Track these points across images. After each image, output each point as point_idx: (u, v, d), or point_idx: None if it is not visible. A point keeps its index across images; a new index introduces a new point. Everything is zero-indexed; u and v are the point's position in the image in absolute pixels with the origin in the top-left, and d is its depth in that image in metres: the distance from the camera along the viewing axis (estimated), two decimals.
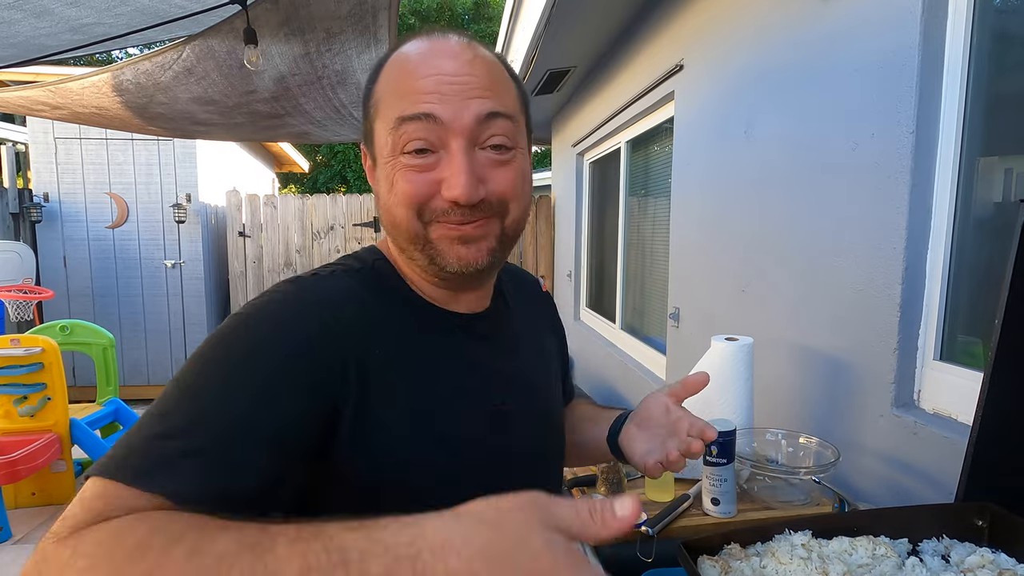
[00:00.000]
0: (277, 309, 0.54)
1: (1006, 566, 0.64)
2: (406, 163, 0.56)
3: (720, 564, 0.65)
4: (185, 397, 0.48)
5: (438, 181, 0.55)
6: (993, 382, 0.72)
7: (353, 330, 0.55)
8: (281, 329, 0.52)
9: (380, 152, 0.59)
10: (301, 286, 0.56)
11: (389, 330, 0.58)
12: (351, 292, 0.58)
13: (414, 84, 0.55)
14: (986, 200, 1.08)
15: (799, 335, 1.47)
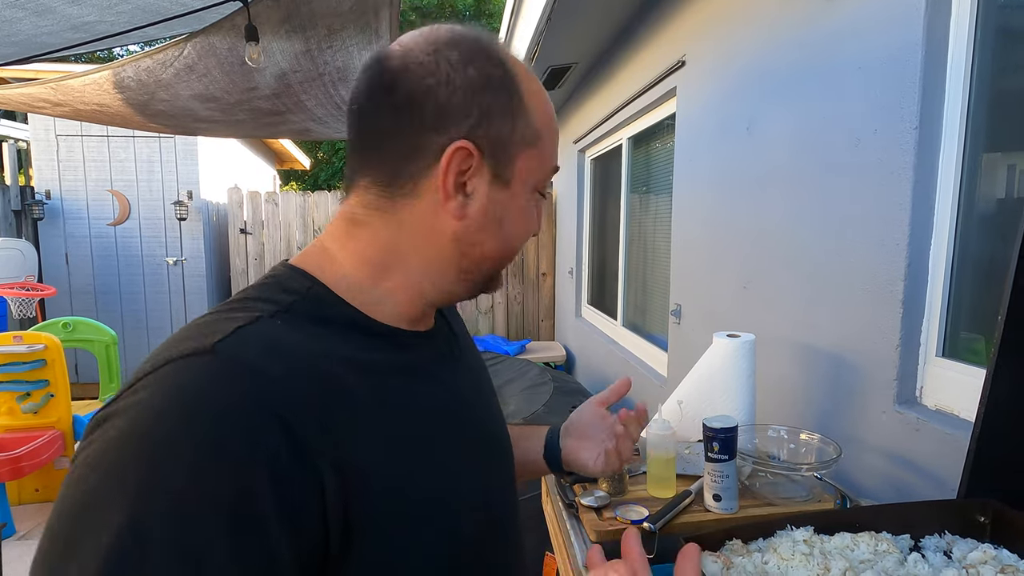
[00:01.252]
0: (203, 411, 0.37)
1: (1008, 562, 0.64)
2: (538, 202, 0.58)
3: (722, 560, 0.66)
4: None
5: None
6: (996, 378, 0.72)
7: (313, 411, 0.40)
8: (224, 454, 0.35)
9: (520, 180, 0.54)
10: (219, 362, 0.39)
11: (355, 383, 0.45)
12: (295, 348, 0.43)
13: (556, 136, 0.60)
14: (989, 196, 1.08)
15: (801, 331, 1.47)
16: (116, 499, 0.34)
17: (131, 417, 0.37)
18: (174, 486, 0.34)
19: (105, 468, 0.35)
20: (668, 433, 1.15)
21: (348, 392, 0.44)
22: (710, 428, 1.06)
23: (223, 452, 0.36)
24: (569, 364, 4.53)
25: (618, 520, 1.08)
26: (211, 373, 0.38)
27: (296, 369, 0.42)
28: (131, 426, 0.36)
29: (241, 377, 0.39)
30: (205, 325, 0.43)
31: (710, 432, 1.05)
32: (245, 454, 0.36)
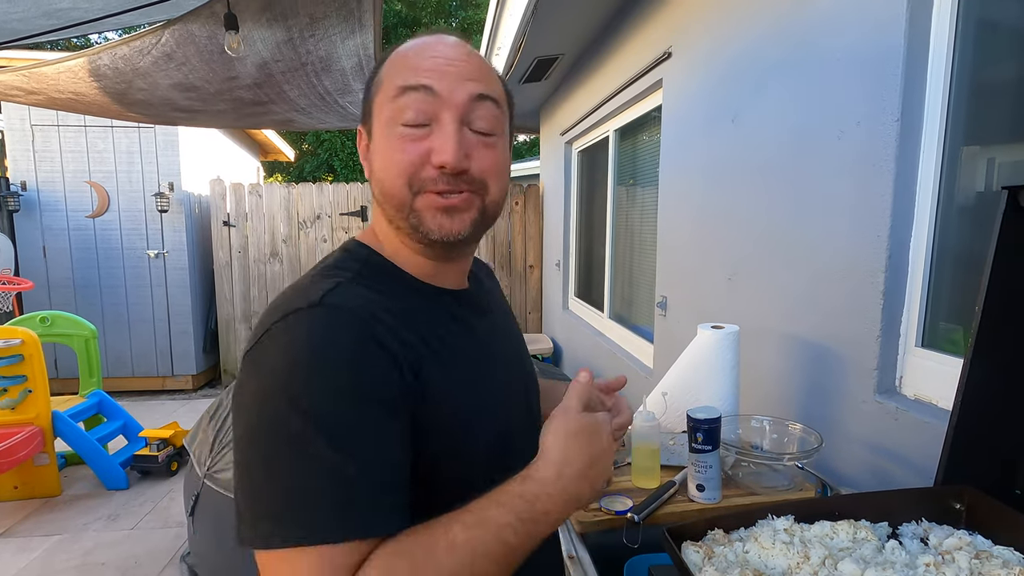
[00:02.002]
0: (333, 341, 0.53)
1: (982, 547, 0.65)
2: (401, 133, 0.60)
3: (704, 550, 0.66)
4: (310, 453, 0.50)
5: (428, 151, 0.59)
6: (972, 369, 0.73)
7: (390, 333, 0.56)
8: (354, 364, 0.53)
9: (377, 124, 0.62)
10: (324, 310, 0.55)
11: (413, 325, 0.60)
12: (369, 300, 0.58)
13: (417, 63, 0.61)
14: (968, 189, 1.09)
15: (785, 323, 1.48)
16: (289, 397, 0.50)
17: (280, 348, 0.53)
18: (323, 385, 0.51)
19: (274, 381, 0.51)
20: (652, 424, 1.15)
21: (412, 328, 0.59)
22: (694, 419, 1.06)
23: (345, 363, 0.52)
24: (556, 356, 4.54)
25: (602, 511, 1.08)
26: (326, 318, 0.54)
27: (379, 312, 0.57)
28: (283, 354, 0.52)
29: (347, 318, 0.55)
30: (306, 289, 0.58)
31: (694, 423, 1.06)
32: (360, 365, 0.53)
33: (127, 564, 2.53)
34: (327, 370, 0.51)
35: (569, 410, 0.58)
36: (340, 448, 0.50)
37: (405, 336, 0.57)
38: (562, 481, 0.54)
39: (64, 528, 2.84)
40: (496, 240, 5.29)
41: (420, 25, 12.02)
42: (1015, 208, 0.71)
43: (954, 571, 0.61)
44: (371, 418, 0.52)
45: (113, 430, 3.47)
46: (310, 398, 0.50)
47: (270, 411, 0.51)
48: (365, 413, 0.52)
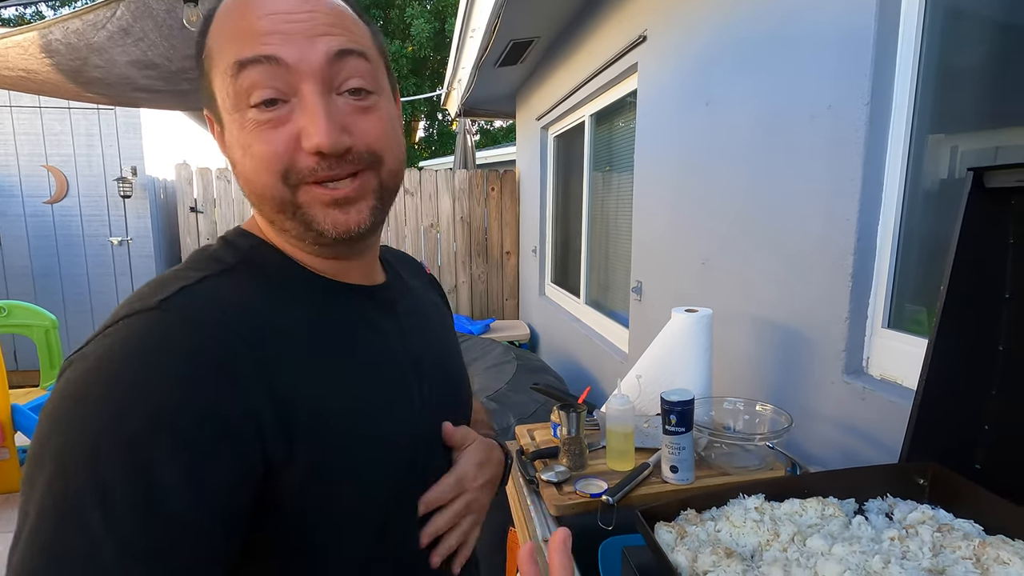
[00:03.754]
0: (152, 363, 0.41)
1: (944, 521, 0.67)
2: (256, 118, 0.48)
3: (676, 529, 0.66)
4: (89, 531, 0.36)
5: (295, 135, 0.48)
6: (937, 348, 0.75)
7: (255, 356, 0.45)
8: (168, 388, 0.40)
9: (223, 109, 0.50)
10: (162, 316, 0.44)
11: (293, 331, 0.49)
12: (228, 303, 0.47)
13: (249, 25, 0.47)
14: (934, 173, 1.11)
15: (757, 306, 1.50)
16: (74, 422, 0.39)
17: (90, 361, 0.42)
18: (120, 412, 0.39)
19: (70, 398, 0.41)
20: (627, 408, 1.16)
21: (280, 335, 0.48)
22: (667, 402, 1.07)
23: (159, 389, 0.40)
24: (533, 342, 4.55)
25: (577, 494, 1.08)
26: (154, 327, 0.43)
27: (231, 319, 0.46)
28: (89, 368, 0.42)
29: (179, 329, 0.44)
30: (157, 284, 0.48)
31: (667, 405, 1.07)
32: (180, 393, 0.41)
33: None
34: (136, 403, 0.39)
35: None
36: (126, 539, 0.37)
37: (273, 348, 0.46)
38: None
39: None
40: (473, 227, 5.25)
41: (393, 6, 11.76)
42: (980, 189, 0.72)
43: (917, 544, 0.62)
44: (177, 480, 0.39)
45: None
46: (97, 442, 0.38)
47: (46, 451, 0.39)
48: (171, 472, 0.39)
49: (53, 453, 0.39)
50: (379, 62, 0.54)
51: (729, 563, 0.59)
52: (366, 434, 0.51)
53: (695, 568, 0.60)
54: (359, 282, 0.59)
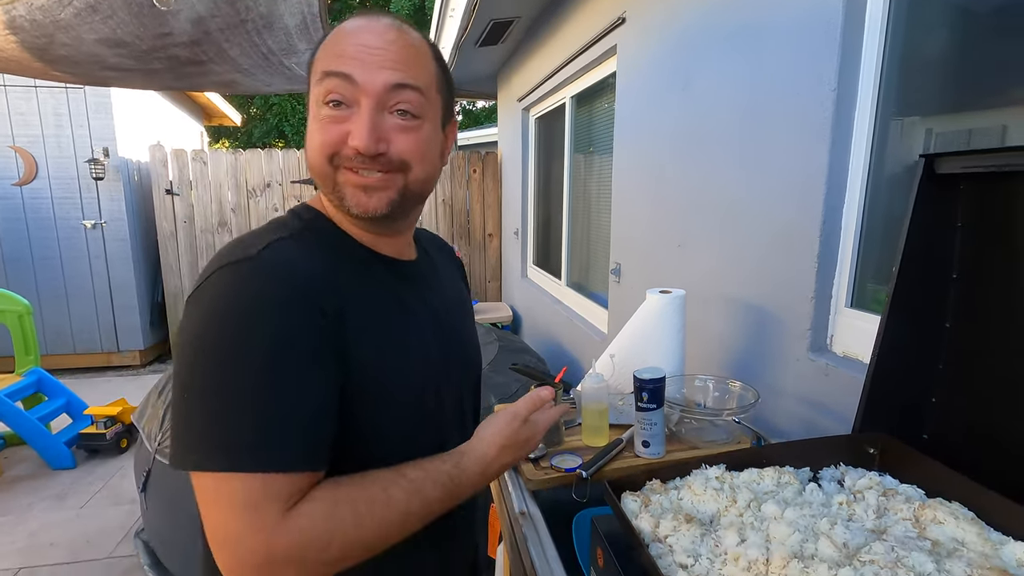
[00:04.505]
0: (261, 292, 0.57)
1: (890, 486, 0.72)
2: (325, 114, 0.65)
3: (641, 498, 0.70)
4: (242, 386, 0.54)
5: (347, 132, 0.64)
6: (888, 325, 0.79)
7: (322, 286, 0.61)
8: (281, 313, 0.57)
9: (310, 102, 0.67)
10: (260, 262, 0.59)
11: (346, 284, 0.64)
12: (302, 257, 0.63)
13: (342, 49, 0.64)
14: (896, 158, 1.15)
15: (729, 287, 1.55)
16: (219, 338, 0.55)
17: (215, 294, 0.57)
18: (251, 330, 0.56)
19: (217, 306, 0.57)
20: (601, 385, 1.19)
21: (337, 284, 0.63)
22: (640, 379, 1.10)
23: (273, 312, 0.57)
24: (516, 324, 4.59)
25: (553, 469, 1.12)
26: (252, 270, 0.59)
27: (307, 267, 0.62)
28: (217, 300, 0.57)
29: (277, 272, 0.59)
30: (247, 242, 0.62)
31: (640, 383, 1.10)
32: (290, 311, 0.57)
33: (77, 544, 2.47)
34: (255, 317, 0.56)
35: (516, 418, 0.71)
36: (263, 388, 0.54)
37: (338, 293, 0.62)
38: (484, 477, 0.68)
39: (6, 510, 2.74)
40: (455, 209, 5.24)
41: None
42: (930, 175, 0.75)
43: (863, 508, 0.67)
44: (293, 363, 0.56)
45: (55, 409, 3.33)
46: (240, 339, 0.55)
47: (202, 351, 0.55)
48: (291, 355, 0.56)
49: (215, 345, 0.55)
50: (433, 97, 0.69)
51: (688, 528, 0.63)
52: (393, 366, 0.67)
53: (657, 533, 0.64)
54: (391, 255, 0.74)
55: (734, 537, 0.61)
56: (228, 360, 0.55)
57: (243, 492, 0.52)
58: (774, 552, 0.58)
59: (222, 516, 0.53)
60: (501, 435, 0.69)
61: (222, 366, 0.55)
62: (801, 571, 0.55)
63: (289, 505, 0.54)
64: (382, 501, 0.58)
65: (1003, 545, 0.60)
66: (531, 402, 0.73)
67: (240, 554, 0.52)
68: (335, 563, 0.56)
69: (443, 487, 0.63)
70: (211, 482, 0.53)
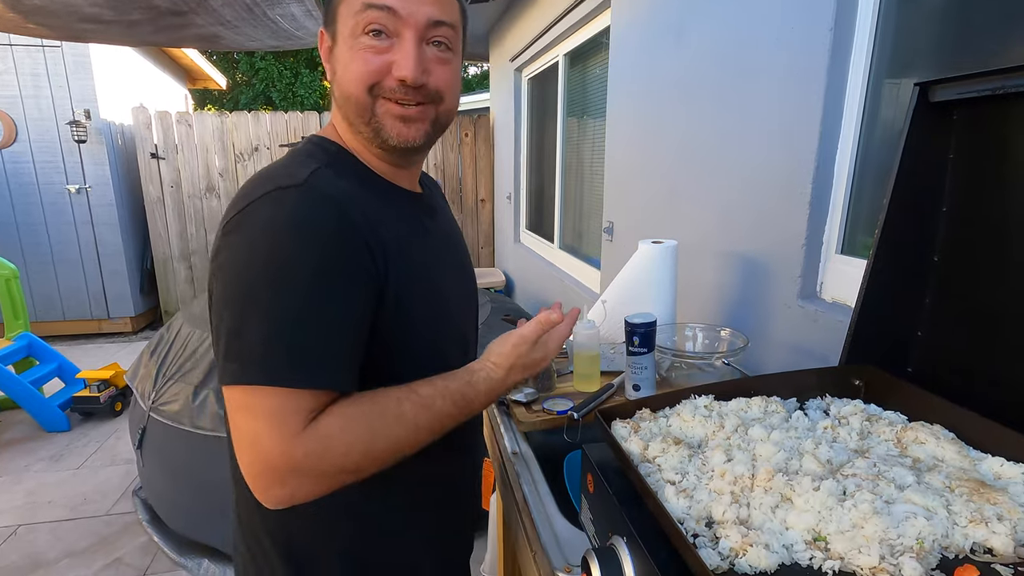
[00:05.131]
0: (314, 217, 0.59)
1: (873, 413, 0.73)
2: (365, 44, 0.65)
3: (631, 425, 0.71)
4: (284, 306, 0.57)
5: (390, 63, 0.66)
6: (877, 259, 0.79)
7: (362, 218, 0.63)
8: (332, 238, 0.59)
9: (341, 31, 0.67)
10: (308, 188, 0.61)
11: (376, 211, 0.66)
12: (343, 187, 0.64)
13: None
14: (890, 103, 1.14)
15: (721, 237, 1.55)
16: (268, 258, 0.57)
17: (264, 217, 0.58)
18: (301, 252, 0.58)
19: (267, 230, 0.58)
20: (592, 332, 1.20)
21: (370, 213, 0.65)
22: (631, 324, 1.11)
23: (324, 237, 0.59)
24: (509, 289, 4.59)
25: (545, 412, 1.14)
26: (303, 195, 0.60)
27: (346, 196, 0.63)
28: (268, 223, 0.58)
29: (327, 198, 0.61)
30: (286, 170, 0.63)
31: (630, 327, 1.11)
32: (338, 240, 0.60)
33: (75, 501, 2.50)
34: (307, 240, 0.58)
35: (524, 341, 0.74)
36: (307, 307, 0.57)
37: (374, 224, 0.64)
38: (492, 396, 0.72)
39: (3, 471, 2.76)
40: (447, 174, 5.17)
41: None
42: (924, 104, 0.74)
43: (847, 431, 0.69)
44: (340, 286, 0.59)
45: (47, 372, 3.33)
46: (286, 261, 0.57)
47: (251, 269, 0.57)
48: (335, 280, 0.59)
49: (260, 266, 0.57)
50: (459, 34, 0.72)
51: (677, 449, 0.64)
52: (425, 286, 0.71)
53: (645, 455, 0.65)
54: (407, 188, 0.76)
55: (721, 456, 0.63)
56: (276, 280, 0.57)
57: (271, 404, 0.56)
58: (760, 468, 0.59)
59: (250, 424, 0.56)
60: (510, 357, 0.72)
61: (270, 285, 0.57)
62: (785, 484, 0.57)
63: (311, 417, 0.57)
64: (394, 415, 0.61)
65: (981, 461, 0.61)
66: (539, 325, 0.74)
67: (264, 458, 0.56)
68: (351, 473, 0.60)
69: (453, 404, 0.66)
70: (241, 393, 0.57)
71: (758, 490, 0.57)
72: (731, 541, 0.50)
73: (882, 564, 0.47)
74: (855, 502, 0.53)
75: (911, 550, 0.48)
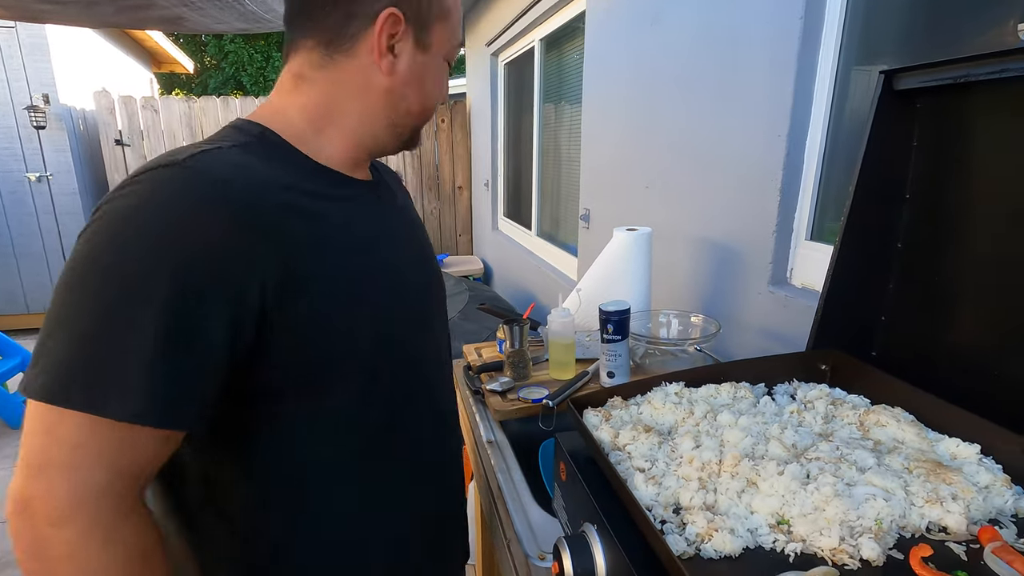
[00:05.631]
0: (176, 204, 0.50)
1: (838, 397, 0.75)
2: (445, 70, 0.70)
3: (603, 413, 0.71)
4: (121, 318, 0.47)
5: None
6: (843, 246, 0.81)
7: (264, 213, 0.54)
8: (196, 231, 0.50)
9: (434, 47, 0.67)
10: (188, 171, 0.52)
11: (302, 204, 0.59)
12: (248, 169, 0.56)
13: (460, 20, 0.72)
14: (858, 90, 1.15)
15: (695, 225, 1.56)
16: (110, 252, 0.49)
17: (130, 199, 0.51)
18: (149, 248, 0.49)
19: (114, 226, 0.50)
20: (567, 319, 1.20)
21: (292, 206, 0.57)
22: (604, 312, 1.12)
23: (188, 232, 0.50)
24: (487, 276, 4.58)
25: (520, 400, 1.14)
26: (180, 178, 0.52)
27: (251, 182, 0.55)
28: (129, 206, 0.50)
29: (204, 182, 0.52)
30: (175, 151, 0.55)
31: (605, 315, 1.12)
32: (202, 232, 0.50)
33: None
34: (158, 232, 0.49)
35: None
36: (146, 322, 0.47)
37: (286, 214, 0.56)
38: None
39: None
40: (423, 161, 5.11)
41: None
42: (889, 93, 0.75)
43: (813, 415, 0.70)
44: (193, 294, 0.49)
45: (10, 368, 3.22)
46: (130, 257, 0.48)
47: (87, 264, 0.49)
48: (188, 287, 0.49)
49: (99, 269, 0.48)
50: None
51: (647, 437, 0.65)
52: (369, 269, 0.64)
53: (616, 442, 0.66)
54: (360, 178, 0.72)
55: (690, 443, 0.63)
56: (114, 282, 0.48)
57: (72, 430, 0.46)
58: (727, 454, 0.60)
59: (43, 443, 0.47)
60: None
61: (104, 288, 0.48)
62: (751, 468, 0.58)
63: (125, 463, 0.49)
64: None
65: (939, 442, 0.63)
66: None
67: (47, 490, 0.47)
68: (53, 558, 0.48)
69: None
70: (45, 411, 0.47)
71: (725, 476, 0.57)
72: (697, 527, 0.51)
73: (842, 545, 0.48)
74: (817, 485, 0.54)
75: (870, 531, 0.49)
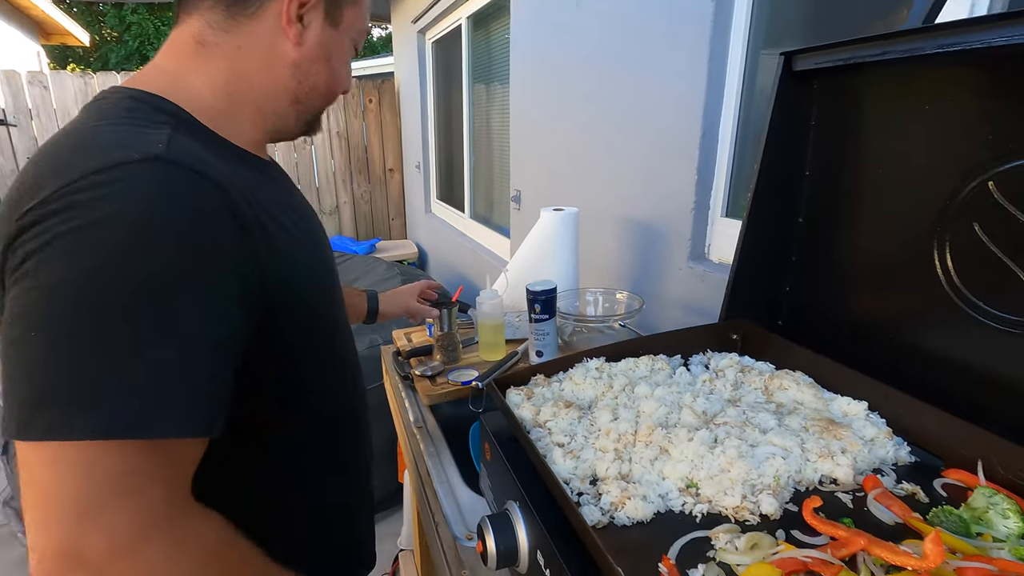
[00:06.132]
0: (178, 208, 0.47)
1: (747, 364, 0.79)
2: (351, 54, 0.68)
3: (524, 392, 0.72)
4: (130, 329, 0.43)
5: None
6: (750, 222, 0.84)
7: (244, 207, 0.53)
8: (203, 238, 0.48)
9: (344, 26, 0.65)
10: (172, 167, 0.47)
11: (255, 193, 0.57)
12: (207, 160, 0.52)
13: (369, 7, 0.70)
14: (768, 72, 1.20)
15: (620, 204, 1.59)
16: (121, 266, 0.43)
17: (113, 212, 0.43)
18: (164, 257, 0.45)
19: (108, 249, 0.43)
20: (496, 301, 1.20)
21: (255, 195, 0.56)
22: (532, 292, 1.12)
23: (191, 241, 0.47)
24: (422, 261, 4.51)
25: (450, 383, 1.13)
26: (174, 179, 0.47)
27: (219, 172, 0.51)
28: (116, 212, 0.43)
29: (194, 178, 0.48)
30: (117, 134, 0.49)
31: (532, 295, 1.12)
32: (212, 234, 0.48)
33: None
34: (179, 240, 0.45)
35: None
36: (169, 332, 0.44)
37: (253, 205, 0.54)
38: None
39: None
40: (351, 143, 4.93)
41: None
42: (789, 74, 0.79)
43: (723, 383, 0.74)
44: (211, 298, 0.47)
45: None
46: (157, 271, 0.44)
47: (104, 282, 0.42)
48: (205, 292, 0.47)
49: (123, 287, 0.43)
50: None
51: (567, 412, 0.66)
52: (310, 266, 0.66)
53: (537, 419, 0.66)
54: (264, 158, 0.70)
55: (608, 416, 0.65)
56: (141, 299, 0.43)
57: (119, 460, 0.42)
58: (642, 424, 0.62)
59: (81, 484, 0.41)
60: None
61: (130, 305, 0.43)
62: (664, 436, 0.60)
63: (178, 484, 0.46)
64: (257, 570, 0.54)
65: (832, 401, 0.68)
66: None
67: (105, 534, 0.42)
68: None
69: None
70: (73, 450, 0.41)
71: (639, 445, 0.59)
72: (612, 496, 0.52)
73: (743, 503, 0.51)
74: (723, 448, 0.57)
75: (768, 488, 0.52)
